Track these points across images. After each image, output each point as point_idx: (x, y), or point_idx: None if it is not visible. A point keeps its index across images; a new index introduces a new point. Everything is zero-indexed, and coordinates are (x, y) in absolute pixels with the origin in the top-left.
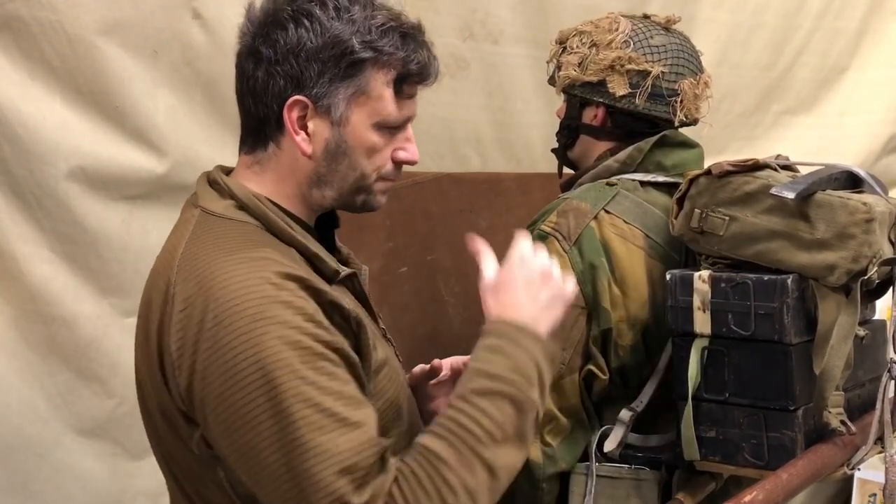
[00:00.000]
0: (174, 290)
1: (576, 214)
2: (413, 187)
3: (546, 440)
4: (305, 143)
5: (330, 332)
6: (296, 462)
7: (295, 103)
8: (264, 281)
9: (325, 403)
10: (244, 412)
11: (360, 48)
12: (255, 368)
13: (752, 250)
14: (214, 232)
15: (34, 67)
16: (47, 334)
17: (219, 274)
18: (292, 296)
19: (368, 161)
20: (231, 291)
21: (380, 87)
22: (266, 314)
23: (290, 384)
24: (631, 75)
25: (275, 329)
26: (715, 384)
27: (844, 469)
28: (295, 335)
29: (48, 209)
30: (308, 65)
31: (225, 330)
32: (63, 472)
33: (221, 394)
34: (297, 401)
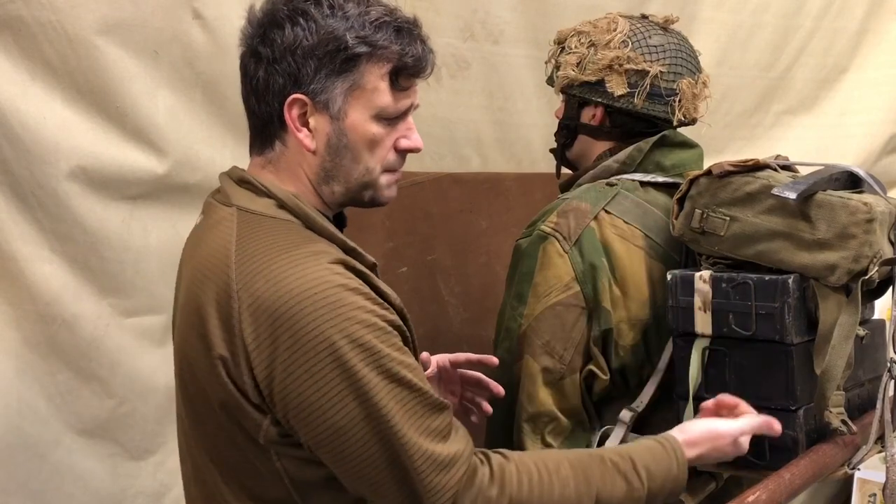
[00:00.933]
0: (237, 287)
1: (576, 215)
2: (413, 187)
3: (547, 441)
4: (308, 140)
5: (390, 310)
6: (393, 443)
7: (294, 101)
8: (329, 271)
9: (406, 377)
10: (333, 395)
11: (354, 43)
12: (339, 354)
13: (752, 250)
14: (265, 230)
15: (34, 67)
16: (47, 334)
17: (287, 269)
18: (356, 282)
19: (371, 154)
20: (304, 284)
21: (375, 80)
22: (342, 301)
23: (374, 364)
24: (629, 75)
25: (354, 314)
26: (716, 384)
27: (845, 469)
28: (371, 318)
29: (48, 209)
30: (305, 62)
31: (305, 319)
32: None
33: (307, 381)
34: (386, 384)
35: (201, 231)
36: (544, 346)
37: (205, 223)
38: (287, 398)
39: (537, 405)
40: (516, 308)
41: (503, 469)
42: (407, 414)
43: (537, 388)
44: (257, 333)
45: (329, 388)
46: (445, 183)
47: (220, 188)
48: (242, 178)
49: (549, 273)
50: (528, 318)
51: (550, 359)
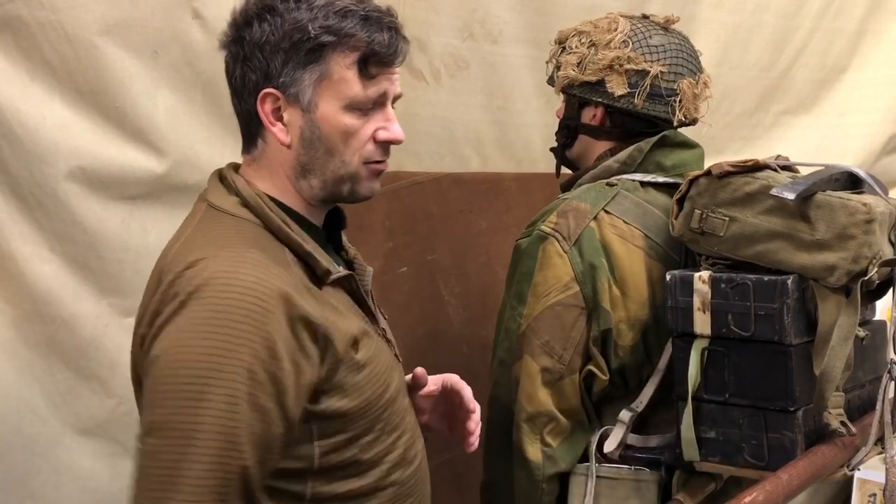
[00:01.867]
0: (165, 275)
1: (576, 215)
2: (413, 187)
3: (546, 441)
4: (282, 134)
5: (279, 362)
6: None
7: (266, 96)
8: (242, 284)
9: (239, 439)
10: (165, 407)
11: (318, 33)
12: (187, 362)
13: (752, 251)
14: (215, 226)
15: (34, 67)
16: (47, 334)
17: (204, 263)
18: (261, 307)
19: (346, 145)
20: (210, 282)
21: (342, 69)
22: (229, 318)
23: (210, 400)
24: (630, 75)
25: (229, 339)
26: (715, 385)
27: (844, 470)
28: (243, 354)
29: (48, 209)
30: (273, 56)
31: (189, 315)
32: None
33: (156, 371)
34: (214, 426)
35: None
36: (543, 346)
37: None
38: (145, 380)
39: (536, 405)
40: (516, 308)
41: None
42: (164, 469)
43: (536, 388)
44: (157, 315)
45: (170, 385)
46: (445, 183)
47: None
48: (222, 174)
49: (548, 273)
50: (527, 318)
51: (550, 359)
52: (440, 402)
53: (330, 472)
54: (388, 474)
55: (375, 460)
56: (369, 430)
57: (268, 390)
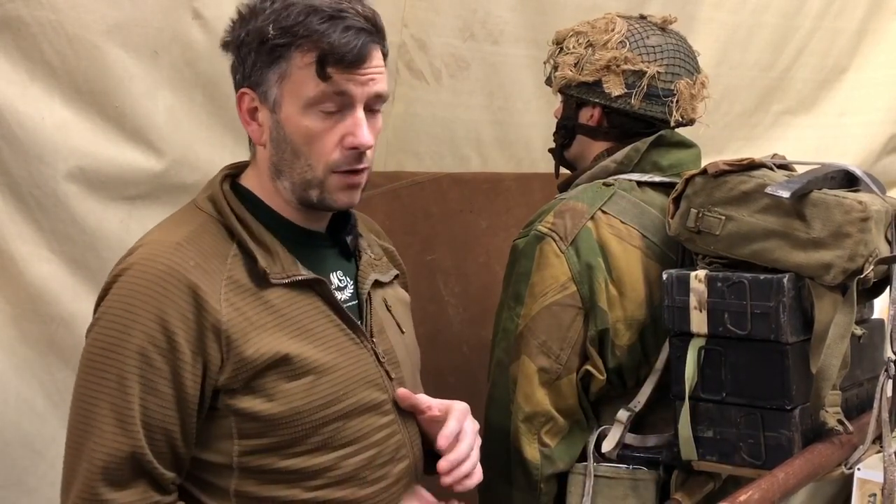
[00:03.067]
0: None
1: (572, 215)
2: (413, 187)
3: (544, 440)
4: (257, 133)
5: (176, 349)
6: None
7: (242, 94)
8: (153, 270)
9: (130, 420)
10: (77, 387)
11: (275, 34)
12: (95, 344)
13: (748, 250)
14: (177, 217)
15: (34, 67)
16: (46, 333)
17: (140, 249)
18: (164, 294)
19: (310, 149)
20: (133, 267)
21: (298, 69)
22: (133, 302)
23: (103, 378)
24: (627, 75)
25: (128, 322)
26: (712, 384)
27: (842, 468)
28: (138, 339)
29: (47, 209)
30: (245, 57)
31: (111, 297)
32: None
33: (85, 351)
34: (107, 406)
35: None
36: (541, 346)
37: None
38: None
39: (534, 405)
40: (513, 308)
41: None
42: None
43: (534, 388)
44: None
45: (81, 364)
46: (445, 183)
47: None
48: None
49: (545, 273)
50: (524, 319)
51: (547, 359)
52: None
53: (252, 473)
54: (329, 490)
55: (311, 473)
56: (300, 441)
57: (164, 374)
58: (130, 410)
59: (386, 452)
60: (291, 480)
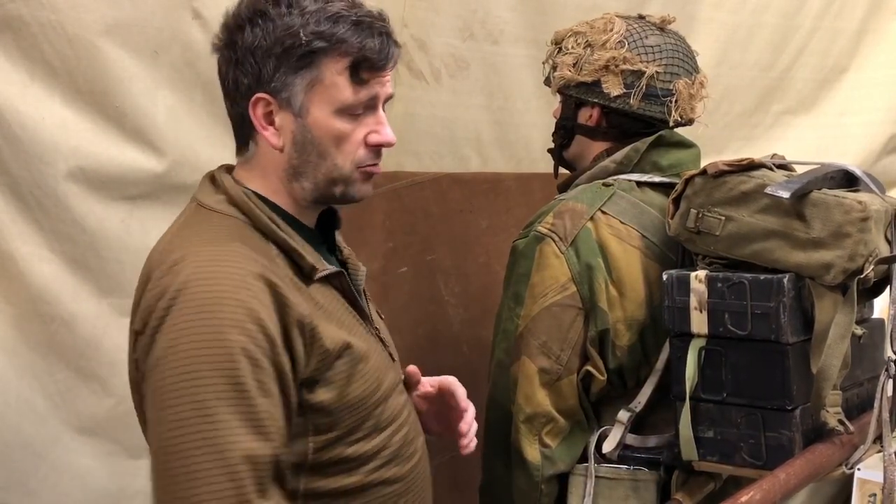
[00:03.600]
0: (153, 272)
1: (572, 215)
2: (413, 187)
3: (545, 441)
4: (275, 138)
5: (276, 348)
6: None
7: (258, 100)
8: (227, 274)
9: (263, 423)
10: (168, 399)
11: (309, 39)
12: (189, 355)
13: (748, 250)
14: (200, 223)
15: (34, 67)
16: (46, 334)
17: (188, 259)
18: (249, 295)
19: (338, 150)
20: (196, 277)
21: (333, 75)
22: (218, 308)
23: (215, 387)
24: (625, 75)
25: (224, 330)
26: (712, 384)
27: (843, 468)
28: (242, 342)
29: (47, 209)
30: (265, 61)
31: (176, 314)
32: (62, 471)
33: (153, 371)
34: (221, 405)
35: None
36: (541, 346)
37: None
38: (148, 385)
39: (534, 406)
40: (513, 309)
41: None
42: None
43: (534, 389)
44: (147, 317)
45: (170, 383)
46: (445, 183)
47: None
48: (213, 174)
49: (545, 274)
50: (524, 319)
51: (547, 359)
52: (436, 403)
53: (322, 467)
54: (382, 470)
55: (368, 456)
56: (360, 427)
57: (270, 374)
58: (258, 413)
59: (412, 429)
60: (353, 468)
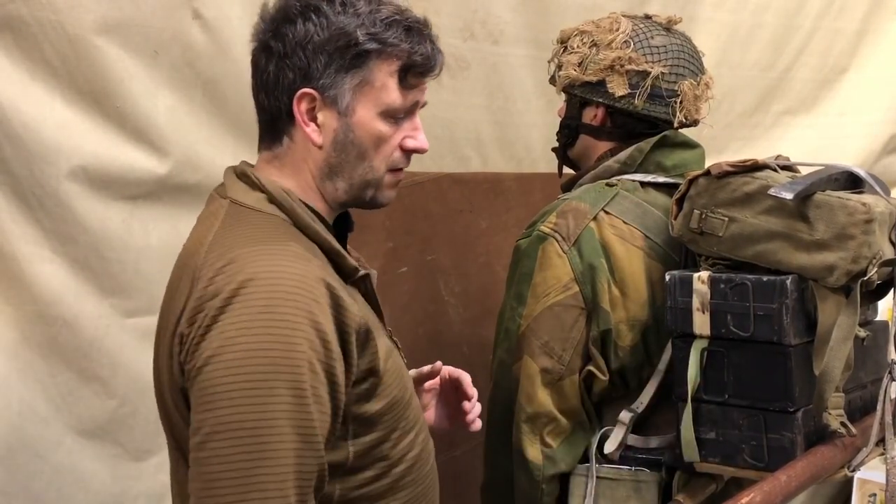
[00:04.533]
0: (201, 272)
1: (575, 215)
2: (413, 187)
3: (546, 441)
4: (316, 134)
5: (332, 354)
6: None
7: (304, 95)
8: (288, 276)
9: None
10: (230, 407)
11: (364, 40)
12: (258, 356)
13: (751, 251)
14: (246, 222)
15: (34, 67)
16: (48, 335)
17: (244, 259)
18: (311, 298)
19: (376, 151)
20: (256, 276)
21: (384, 77)
22: (283, 310)
23: (279, 393)
24: (630, 76)
25: (286, 332)
26: (714, 385)
27: (845, 471)
28: (303, 347)
29: (49, 209)
30: (315, 57)
31: (239, 314)
32: (64, 474)
33: (205, 375)
34: (288, 423)
35: (196, 222)
36: (543, 346)
37: (201, 215)
38: (193, 387)
39: (536, 406)
40: (515, 308)
41: None
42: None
43: (536, 389)
44: (199, 312)
45: (231, 384)
46: (445, 183)
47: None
48: (243, 171)
49: (547, 273)
50: (527, 319)
51: (549, 359)
52: (440, 395)
53: (359, 471)
54: (408, 473)
55: (398, 458)
56: (395, 429)
57: (324, 382)
58: (312, 423)
59: (426, 429)
60: (386, 470)
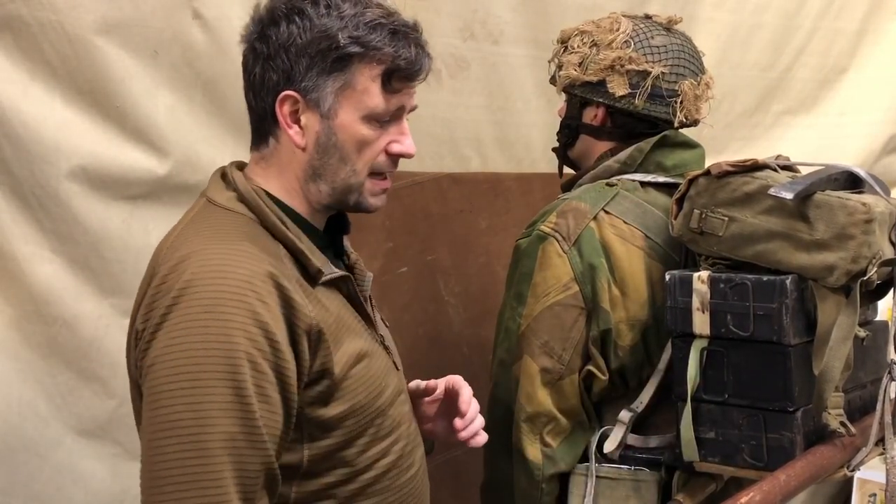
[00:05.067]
0: (159, 268)
1: (575, 215)
2: (413, 187)
3: (546, 441)
4: (298, 136)
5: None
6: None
7: (286, 97)
8: (235, 275)
9: (257, 432)
10: (171, 406)
11: (346, 43)
12: (195, 355)
13: (751, 251)
14: (209, 220)
15: (34, 67)
16: (48, 335)
17: (196, 257)
18: (256, 297)
19: (359, 155)
20: (202, 275)
21: (366, 81)
22: (224, 309)
23: (216, 392)
24: (631, 75)
25: (228, 329)
26: (714, 385)
27: (844, 470)
28: (244, 346)
29: (49, 209)
30: (298, 59)
31: (183, 311)
32: (64, 473)
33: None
34: (227, 422)
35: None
36: (543, 346)
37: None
38: (143, 385)
39: (536, 405)
40: (515, 308)
41: None
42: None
43: (536, 389)
44: (150, 313)
45: (170, 383)
46: (445, 183)
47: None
48: (224, 171)
49: (547, 273)
50: (527, 319)
51: (549, 359)
52: (443, 405)
53: (316, 475)
54: (379, 480)
55: (366, 466)
56: (360, 435)
57: (272, 381)
58: (255, 421)
59: (412, 439)
60: (349, 476)
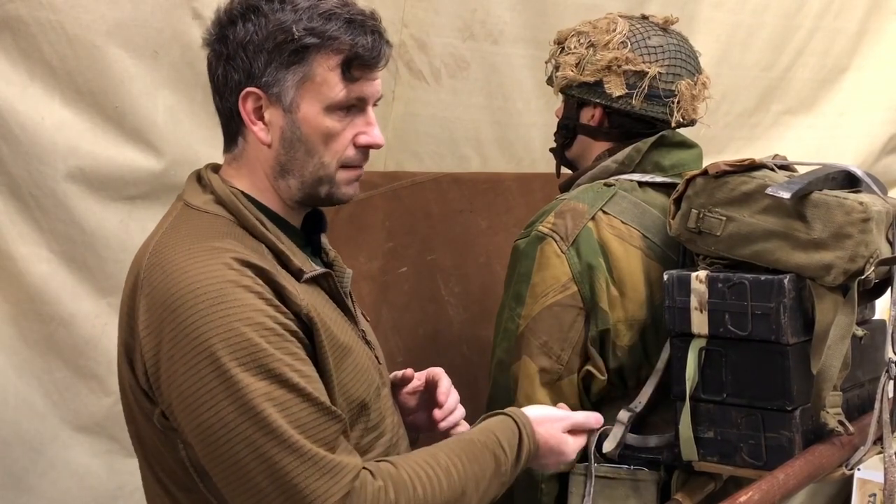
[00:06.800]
0: (143, 275)
1: (573, 215)
2: (413, 187)
3: None
4: (263, 133)
5: (286, 315)
6: (268, 447)
7: (248, 95)
8: (224, 266)
9: (292, 379)
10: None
11: (302, 34)
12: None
13: (749, 250)
14: (189, 223)
15: (34, 67)
16: (45, 333)
17: (182, 260)
18: (250, 280)
19: (326, 147)
20: (192, 276)
21: (325, 71)
22: (226, 297)
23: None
24: (628, 76)
25: (236, 311)
26: (713, 384)
27: (843, 469)
28: (258, 317)
29: (47, 209)
30: (256, 56)
31: (188, 313)
32: (59, 469)
33: (185, 376)
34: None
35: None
36: (542, 346)
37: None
38: (169, 390)
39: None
40: (514, 308)
41: (394, 478)
42: (286, 417)
43: (535, 389)
44: (148, 322)
45: (203, 385)
46: (445, 183)
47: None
48: (199, 173)
49: (546, 273)
50: (525, 319)
51: (548, 359)
52: (425, 397)
53: None
54: None
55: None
56: (352, 426)
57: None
58: (296, 384)
59: (396, 433)
60: None
